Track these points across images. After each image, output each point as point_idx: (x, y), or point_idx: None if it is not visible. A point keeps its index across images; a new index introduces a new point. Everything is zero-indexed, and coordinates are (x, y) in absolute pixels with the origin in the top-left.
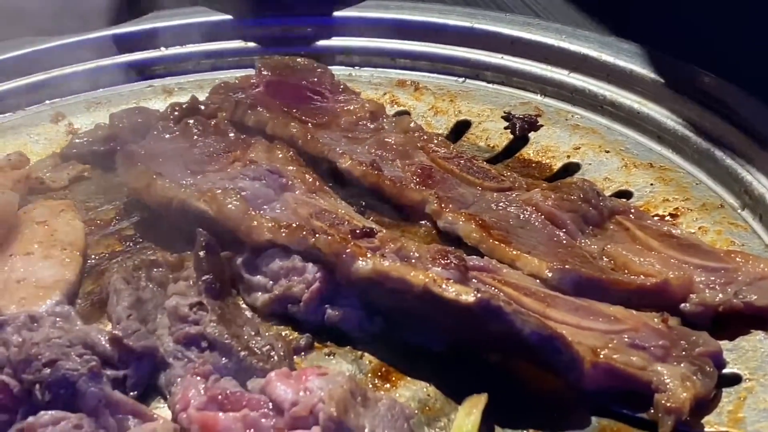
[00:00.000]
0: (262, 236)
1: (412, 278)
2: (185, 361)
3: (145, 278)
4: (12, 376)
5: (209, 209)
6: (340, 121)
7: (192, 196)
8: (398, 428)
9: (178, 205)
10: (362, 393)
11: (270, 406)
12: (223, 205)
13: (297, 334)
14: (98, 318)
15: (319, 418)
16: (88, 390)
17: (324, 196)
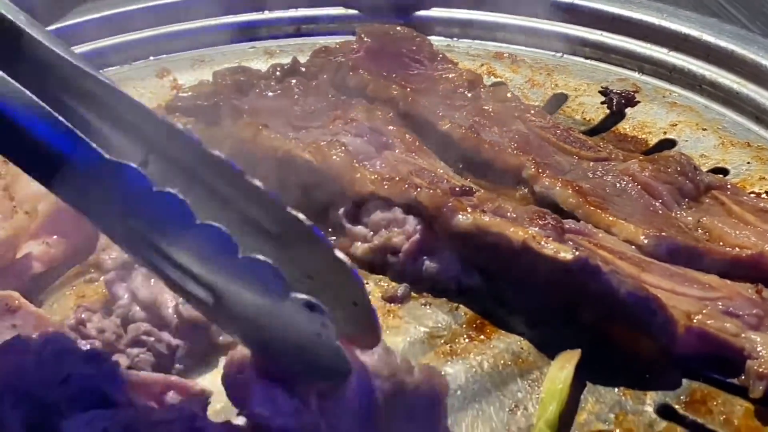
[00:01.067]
0: (365, 188)
1: (512, 234)
2: None
3: None
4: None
5: (314, 160)
6: (438, 88)
7: (297, 147)
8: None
9: (283, 156)
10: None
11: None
12: (328, 156)
13: (395, 283)
14: None
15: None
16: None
17: (423, 156)
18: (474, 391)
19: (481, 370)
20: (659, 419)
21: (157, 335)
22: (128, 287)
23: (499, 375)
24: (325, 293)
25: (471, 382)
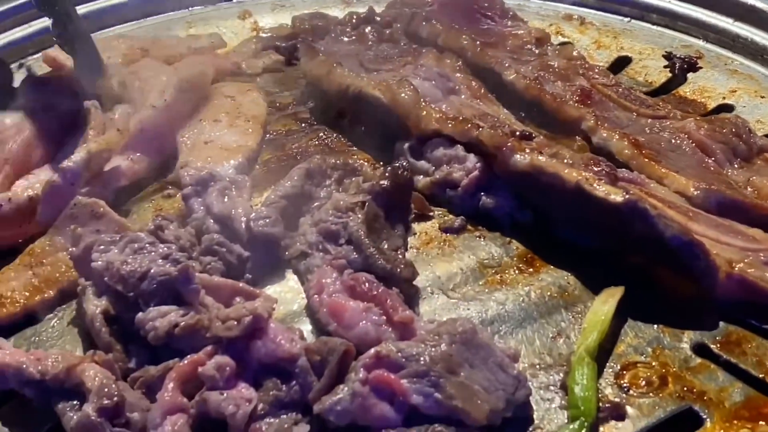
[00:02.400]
0: (430, 125)
1: (566, 175)
2: (323, 253)
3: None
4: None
5: (383, 97)
6: (507, 43)
7: (368, 84)
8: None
9: (354, 92)
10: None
11: (395, 304)
12: (396, 93)
13: (452, 216)
14: (271, 183)
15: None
16: (184, 290)
17: (487, 102)
18: (520, 318)
19: (528, 299)
20: (694, 356)
21: (229, 246)
22: (203, 202)
23: (545, 305)
24: None
25: (518, 309)
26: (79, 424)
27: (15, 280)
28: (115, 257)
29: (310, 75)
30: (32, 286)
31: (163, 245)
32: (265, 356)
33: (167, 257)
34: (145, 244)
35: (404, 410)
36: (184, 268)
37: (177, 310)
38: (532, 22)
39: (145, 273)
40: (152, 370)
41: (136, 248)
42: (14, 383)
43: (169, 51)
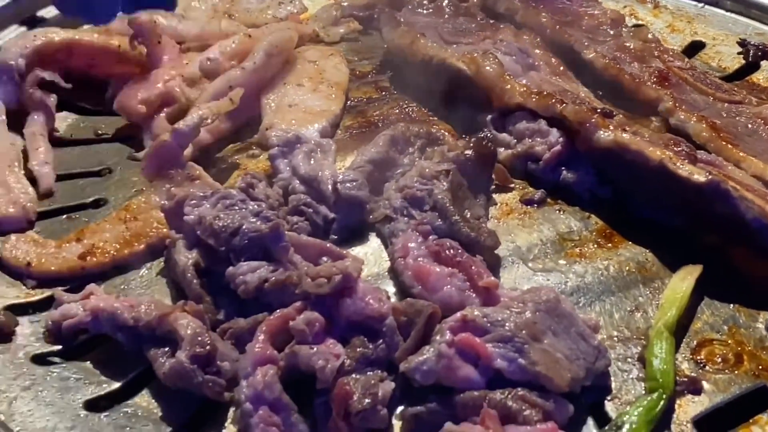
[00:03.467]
0: (514, 99)
1: (650, 153)
2: (408, 218)
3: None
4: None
5: (467, 69)
6: (582, 22)
7: (453, 56)
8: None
9: (438, 63)
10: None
11: (479, 270)
12: (481, 66)
13: (532, 189)
14: (353, 149)
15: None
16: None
17: (566, 79)
18: (599, 291)
19: (607, 273)
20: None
21: (315, 207)
22: (290, 162)
23: (623, 280)
24: None
25: (596, 282)
26: (172, 370)
27: (109, 232)
28: (208, 212)
29: (392, 44)
30: (123, 239)
31: (253, 203)
32: (354, 314)
33: (258, 214)
34: (237, 200)
35: (488, 374)
36: (275, 226)
37: (266, 266)
38: (606, 3)
39: (237, 229)
40: (242, 322)
41: (228, 204)
42: (107, 328)
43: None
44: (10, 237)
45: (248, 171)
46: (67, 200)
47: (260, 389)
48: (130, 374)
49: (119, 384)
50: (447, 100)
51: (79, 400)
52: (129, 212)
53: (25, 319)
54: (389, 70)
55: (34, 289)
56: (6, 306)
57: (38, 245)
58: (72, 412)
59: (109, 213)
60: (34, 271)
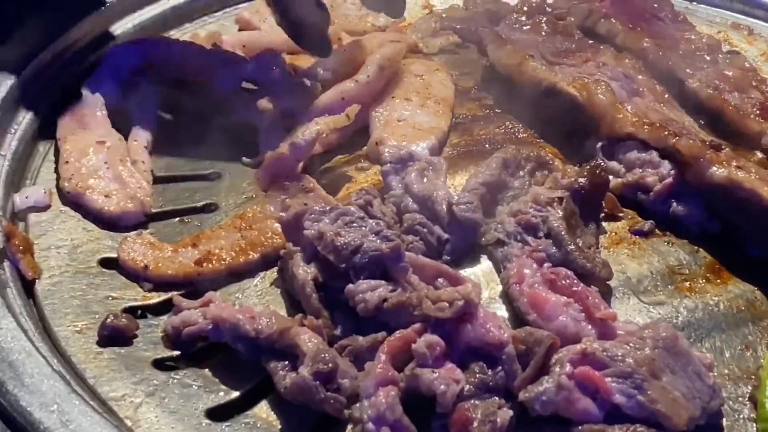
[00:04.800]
0: (625, 128)
1: (764, 192)
2: (522, 243)
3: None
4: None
5: (579, 95)
6: (680, 47)
7: (563, 80)
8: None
9: (547, 86)
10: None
11: (596, 302)
12: (593, 93)
13: (641, 219)
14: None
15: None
16: (393, 267)
17: (670, 107)
18: (709, 327)
19: (717, 309)
20: None
21: (430, 227)
22: (402, 180)
23: (733, 317)
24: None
25: (707, 318)
26: (294, 385)
27: (224, 239)
28: (327, 228)
29: (498, 63)
30: (239, 247)
31: (372, 221)
32: (474, 340)
33: (378, 233)
34: (356, 218)
35: (606, 408)
36: (396, 246)
37: (386, 285)
38: (700, 27)
39: (358, 247)
40: (361, 341)
41: (348, 221)
42: (228, 337)
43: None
44: (127, 238)
45: (361, 185)
46: (178, 203)
47: (382, 410)
48: (248, 384)
49: (238, 393)
50: (553, 124)
51: (201, 408)
52: (244, 221)
53: (142, 322)
54: (492, 87)
55: (150, 292)
56: (125, 308)
57: (155, 248)
58: (195, 421)
59: (220, 218)
60: (151, 274)
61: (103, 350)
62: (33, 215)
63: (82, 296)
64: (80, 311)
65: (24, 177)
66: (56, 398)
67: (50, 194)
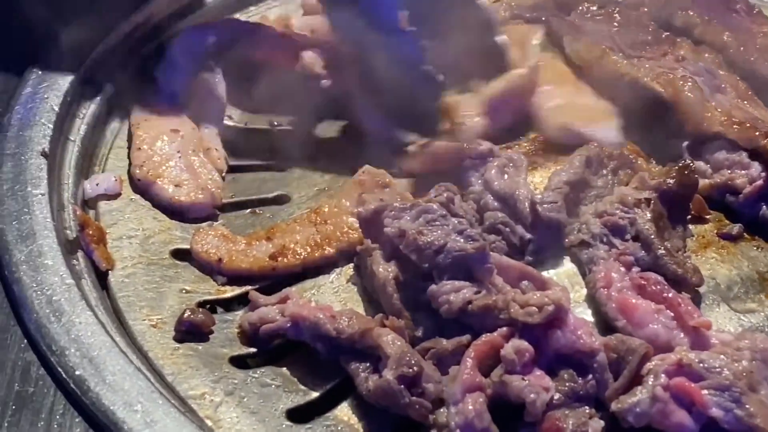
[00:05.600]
0: (713, 127)
1: None
2: (608, 246)
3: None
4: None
5: (664, 91)
6: (756, 41)
7: (647, 75)
8: None
9: (630, 81)
10: None
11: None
12: (680, 90)
13: (728, 222)
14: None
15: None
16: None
17: (754, 105)
18: None
19: None
20: None
21: (513, 227)
22: (482, 176)
23: None
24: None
25: None
26: (378, 388)
27: (299, 233)
28: (409, 225)
29: (577, 57)
30: (314, 242)
31: (455, 219)
32: (564, 347)
33: (462, 233)
34: (438, 216)
35: (702, 421)
36: (482, 247)
37: (470, 287)
38: None
39: (441, 246)
40: (445, 344)
41: (429, 219)
42: (307, 336)
43: None
44: (200, 230)
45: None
46: (249, 193)
47: (471, 418)
48: (327, 384)
49: (317, 394)
50: (634, 120)
51: (281, 409)
52: (319, 215)
53: (217, 317)
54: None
55: (223, 286)
56: (199, 302)
57: (228, 240)
58: (276, 422)
59: (292, 211)
60: (225, 267)
61: (180, 346)
62: (103, 203)
63: (156, 289)
64: (155, 304)
65: (92, 163)
66: (139, 397)
67: (120, 181)
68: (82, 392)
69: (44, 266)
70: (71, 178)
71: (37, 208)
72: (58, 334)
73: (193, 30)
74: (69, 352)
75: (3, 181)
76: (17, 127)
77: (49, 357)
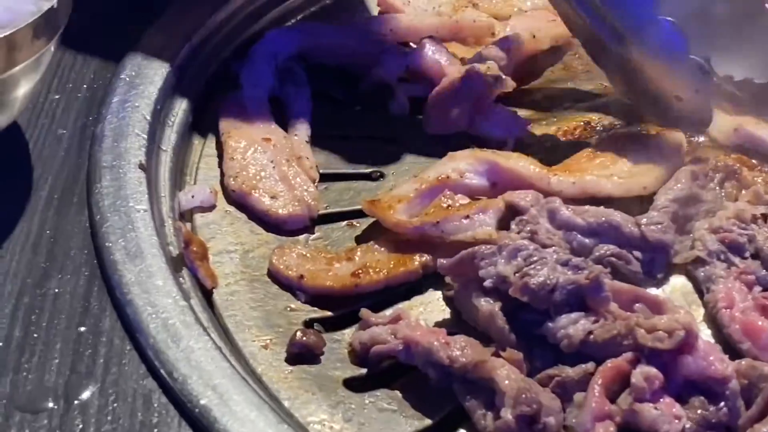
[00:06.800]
0: None
1: None
2: (727, 263)
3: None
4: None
5: None
6: None
7: None
8: None
9: None
10: None
11: None
12: None
13: None
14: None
15: None
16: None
17: None
18: None
19: None
20: None
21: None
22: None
23: None
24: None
25: None
26: (498, 430)
27: (378, 252)
28: (507, 270)
29: None
30: (396, 258)
31: (549, 249)
32: (694, 373)
33: (566, 264)
34: (533, 251)
35: None
36: (595, 276)
37: (586, 317)
38: None
39: (555, 284)
40: (570, 372)
41: (525, 256)
42: (419, 361)
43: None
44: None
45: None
46: (343, 204)
47: None
48: (443, 411)
49: (433, 421)
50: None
51: None
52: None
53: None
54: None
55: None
56: (305, 321)
57: (307, 260)
58: None
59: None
60: (306, 284)
61: (293, 368)
62: (199, 216)
63: (262, 307)
64: (262, 324)
65: (184, 174)
66: (267, 429)
67: (215, 193)
68: (209, 423)
69: (156, 287)
70: (167, 191)
71: (141, 224)
72: (179, 361)
73: (277, 33)
74: (191, 380)
75: (104, 196)
76: (111, 138)
77: (171, 385)
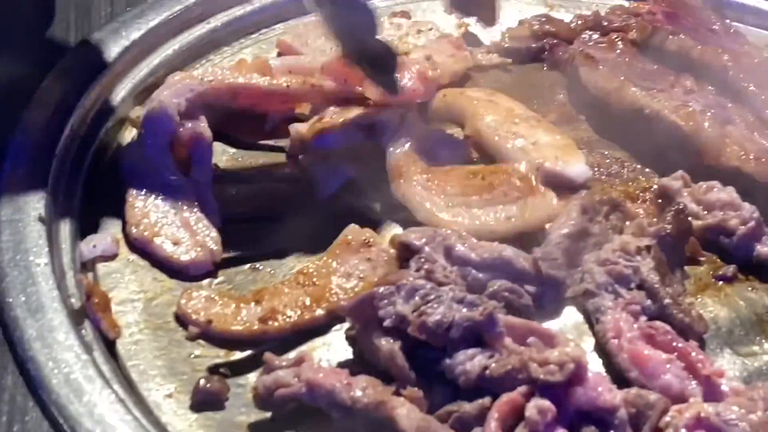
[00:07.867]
0: (731, 161)
1: None
2: (614, 295)
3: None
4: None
5: (684, 125)
6: (742, 63)
7: (666, 108)
8: None
9: (649, 114)
10: None
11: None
12: (699, 124)
13: (722, 263)
14: None
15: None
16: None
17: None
18: None
19: None
20: None
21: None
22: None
23: None
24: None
25: None
26: None
27: (287, 296)
28: (405, 309)
29: (594, 87)
30: (303, 305)
31: (445, 288)
32: (585, 404)
33: (461, 301)
34: (429, 290)
35: None
36: (488, 312)
37: (482, 352)
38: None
39: (451, 323)
40: (467, 407)
41: (422, 295)
42: (323, 403)
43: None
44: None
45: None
46: (246, 247)
47: None
48: None
49: None
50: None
51: None
52: (306, 276)
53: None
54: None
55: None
56: (209, 367)
57: (215, 302)
58: None
59: (293, 265)
60: (215, 330)
61: (198, 416)
62: (101, 265)
63: (166, 355)
64: (166, 372)
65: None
66: None
67: (117, 241)
68: None
69: (57, 342)
70: (68, 242)
71: (41, 278)
72: (82, 416)
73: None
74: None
75: (3, 251)
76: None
77: None
